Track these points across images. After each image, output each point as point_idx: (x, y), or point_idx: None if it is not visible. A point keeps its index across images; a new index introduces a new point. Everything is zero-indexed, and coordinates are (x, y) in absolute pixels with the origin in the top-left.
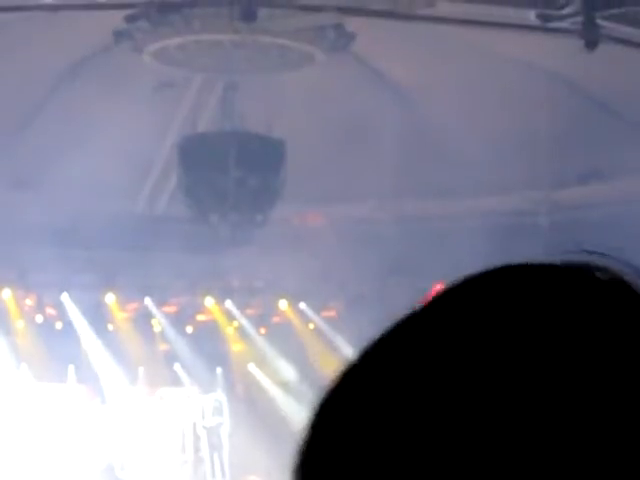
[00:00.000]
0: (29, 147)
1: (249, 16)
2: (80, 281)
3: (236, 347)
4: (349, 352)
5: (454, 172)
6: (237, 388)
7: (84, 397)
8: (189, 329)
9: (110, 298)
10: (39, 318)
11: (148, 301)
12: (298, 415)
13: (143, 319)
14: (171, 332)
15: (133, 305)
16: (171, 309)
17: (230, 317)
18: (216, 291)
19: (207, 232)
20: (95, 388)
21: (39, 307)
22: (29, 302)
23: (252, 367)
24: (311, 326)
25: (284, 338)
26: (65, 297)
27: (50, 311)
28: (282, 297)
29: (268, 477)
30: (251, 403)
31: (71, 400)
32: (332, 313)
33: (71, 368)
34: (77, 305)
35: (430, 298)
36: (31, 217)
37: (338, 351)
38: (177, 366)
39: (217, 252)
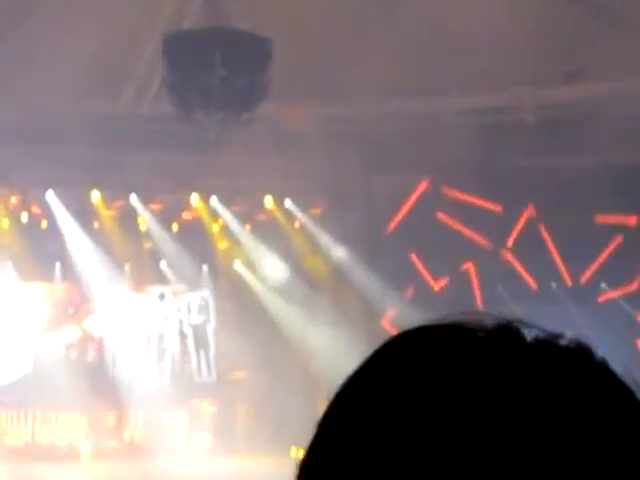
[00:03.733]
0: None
1: None
2: (65, 179)
3: (222, 245)
4: (334, 250)
5: (439, 70)
6: (223, 285)
7: (71, 295)
8: (175, 227)
9: (95, 196)
10: (24, 217)
11: (134, 199)
12: (283, 311)
13: (129, 217)
14: (157, 230)
15: (119, 203)
16: (157, 207)
17: (215, 215)
18: (201, 189)
19: (193, 130)
20: (82, 286)
21: (24, 206)
22: (14, 200)
23: (238, 264)
24: (296, 224)
25: (269, 235)
26: (50, 195)
27: (35, 209)
28: (267, 195)
29: (254, 373)
30: (237, 300)
31: (58, 298)
32: (317, 211)
33: (57, 266)
34: (62, 203)
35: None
36: (10, 116)
37: (323, 248)
38: (163, 264)
39: (203, 150)
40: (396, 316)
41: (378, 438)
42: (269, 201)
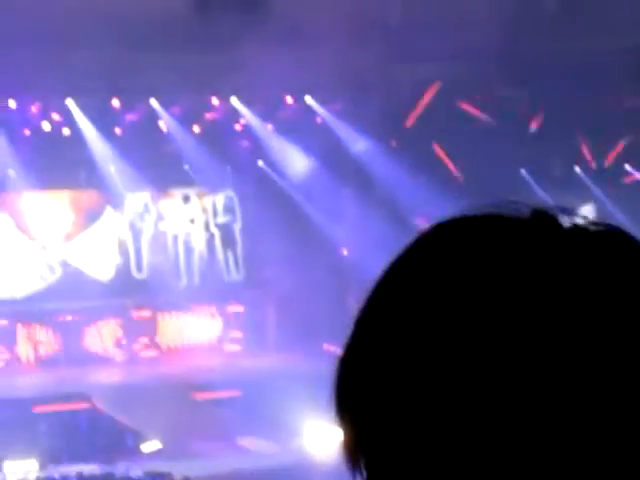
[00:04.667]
0: None
1: None
2: (85, 86)
3: (244, 144)
4: (357, 144)
5: None
6: (247, 185)
7: (95, 201)
8: (196, 129)
9: (116, 102)
10: (46, 125)
11: (154, 103)
12: (308, 208)
13: (150, 121)
14: (179, 133)
15: (139, 107)
16: (177, 110)
17: (237, 114)
18: (222, 89)
19: (210, 29)
20: (106, 193)
21: (45, 114)
22: (34, 110)
23: (261, 163)
24: (318, 119)
25: (292, 132)
26: (70, 102)
27: (56, 117)
28: (287, 92)
29: (282, 271)
30: (262, 199)
31: (83, 204)
32: (338, 106)
33: (81, 174)
34: (83, 110)
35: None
36: (24, 19)
37: (346, 143)
38: (187, 167)
39: (221, 50)
40: (420, 206)
41: (420, 331)
42: (290, 99)
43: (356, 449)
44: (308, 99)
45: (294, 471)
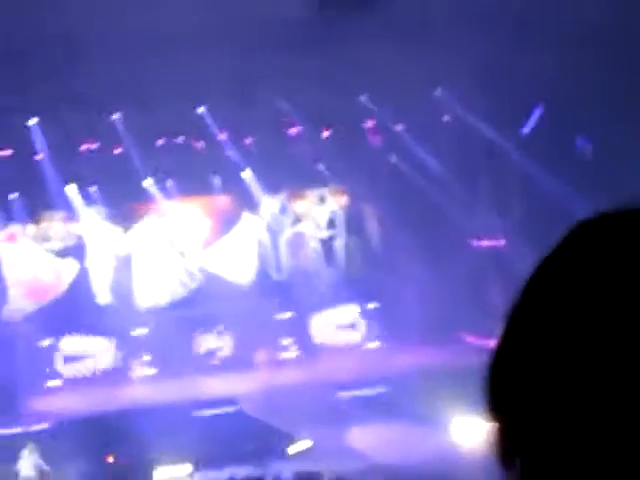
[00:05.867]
0: None
1: None
2: (214, 92)
3: (376, 141)
4: (488, 135)
5: None
6: (381, 181)
7: (231, 207)
8: (327, 128)
9: (245, 107)
10: (180, 139)
11: (284, 105)
12: (443, 201)
13: (280, 123)
14: (310, 133)
15: (269, 111)
16: (307, 110)
17: (367, 112)
18: (350, 88)
19: (334, 29)
20: (241, 197)
21: (176, 125)
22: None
23: (394, 159)
24: (448, 114)
25: (423, 127)
26: (202, 111)
27: (187, 127)
28: (416, 88)
29: (418, 261)
30: (396, 195)
31: (218, 210)
32: (468, 99)
33: (216, 180)
34: (214, 117)
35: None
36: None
37: (477, 135)
38: (320, 167)
39: (347, 49)
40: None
41: (577, 328)
42: (418, 94)
43: (510, 446)
44: (437, 93)
45: (443, 465)
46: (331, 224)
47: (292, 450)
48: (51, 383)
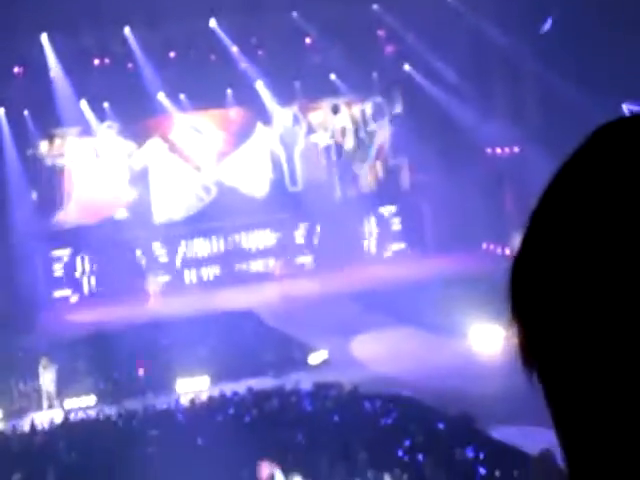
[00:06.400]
0: None
1: None
2: (221, 5)
3: (389, 49)
4: (502, 39)
5: None
6: (395, 90)
7: (244, 119)
8: (340, 38)
9: (257, 18)
10: (192, 53)
11: (295, 16)
12: (457, 109)
13: (293, 34)
14: (323, 43)
15: (281, 22)
16: (318, 20)
17: (379, 21)
18: None
19: None
20: (254, 109)
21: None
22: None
23: (407, 67)
24: (462, 19)
25: (436, 33)
26: (213, 23)
27: (200, 42)
28: None
29: (436, 176)
30: (410, 103)
31: (231, 122)
32: (481, 4)
33: (229, 92)
34: (224, 30)
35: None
36: None
37: (491, 39)
38: (333, 77)
39: None
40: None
41: (600, 233)
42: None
43: (531, 351)
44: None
45: (463, 371)
46: (345, 133)
47: (311, 360)
48: (72, 298)
